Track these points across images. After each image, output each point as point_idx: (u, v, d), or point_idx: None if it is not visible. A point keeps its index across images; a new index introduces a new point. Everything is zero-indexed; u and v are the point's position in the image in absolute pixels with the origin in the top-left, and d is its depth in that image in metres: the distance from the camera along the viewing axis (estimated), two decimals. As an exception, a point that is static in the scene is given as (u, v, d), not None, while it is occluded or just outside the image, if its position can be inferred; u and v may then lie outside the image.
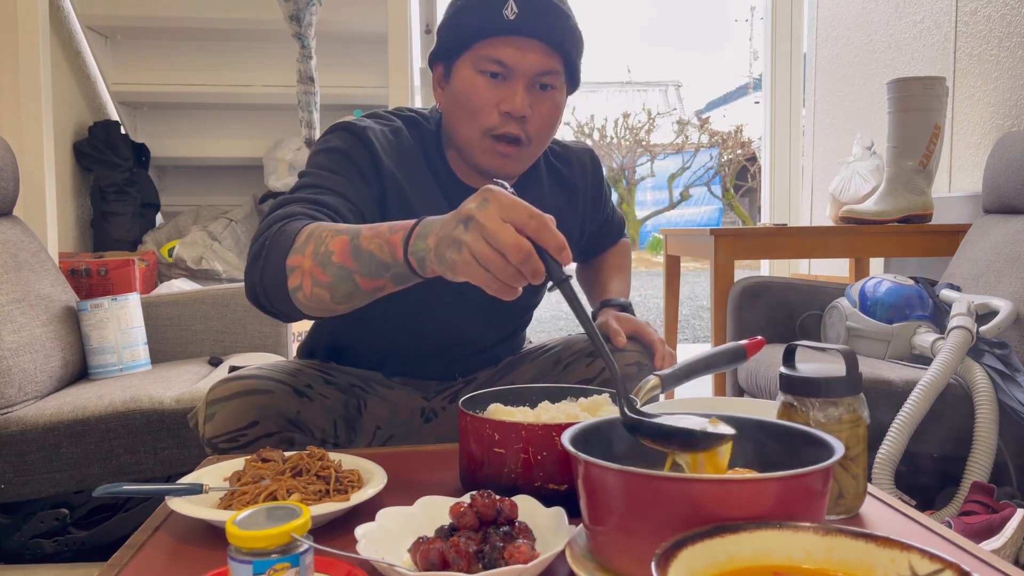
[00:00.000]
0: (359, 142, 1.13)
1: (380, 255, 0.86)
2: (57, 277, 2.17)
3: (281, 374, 1.16)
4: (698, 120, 15.46)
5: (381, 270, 0.87)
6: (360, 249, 0.88)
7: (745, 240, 2.46)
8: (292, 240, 0.94)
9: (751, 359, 1.13)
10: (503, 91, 1.11)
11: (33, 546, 1.74)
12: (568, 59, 1.14)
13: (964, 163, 2.64)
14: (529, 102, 1.11)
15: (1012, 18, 2.40)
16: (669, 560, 0.50)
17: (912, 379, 1.66)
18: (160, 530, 0.82)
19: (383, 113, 1.23)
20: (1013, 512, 1.44)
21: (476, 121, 1.13)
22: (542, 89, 1.13)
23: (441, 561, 0.65)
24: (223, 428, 1.10)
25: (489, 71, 1.11)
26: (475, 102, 1.12)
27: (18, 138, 2.65)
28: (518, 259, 0.72)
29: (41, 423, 1.68)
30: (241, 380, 1.13)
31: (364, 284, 0.89)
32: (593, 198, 1.39)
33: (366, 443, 1.23)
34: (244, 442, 1.09)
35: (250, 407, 1.10)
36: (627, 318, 1.31)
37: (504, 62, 1.10)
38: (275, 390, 1.12)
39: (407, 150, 1.19)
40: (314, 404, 1.15)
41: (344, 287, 0.90)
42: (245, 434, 1.09)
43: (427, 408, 1.30)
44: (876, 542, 0.53)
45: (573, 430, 0.70)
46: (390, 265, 0.86)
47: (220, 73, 3.40)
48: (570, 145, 1.38)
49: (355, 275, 0.88)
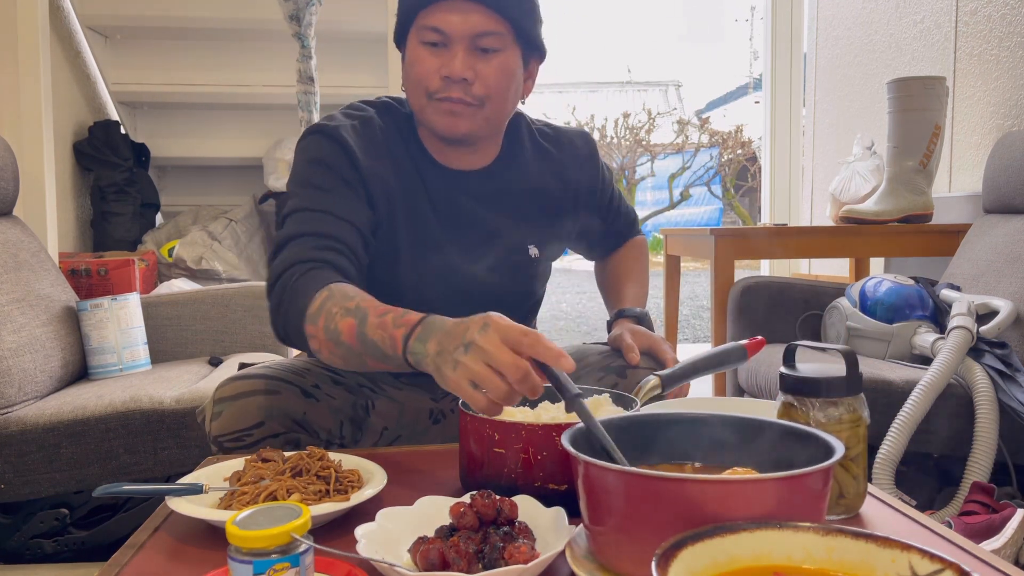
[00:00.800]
0: (336, 146, 1.16)
1: (382, 347, 0.92)
2: (57, 277, 2.17)
3: (290, 374, 1.17)
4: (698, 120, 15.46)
5: (384, 359, 0.93)
6: (365, 336, 0.94)
7: (745, 240, 2.46)
8: (308, 304, 1.01)
9: (751, 359, 1.13)
10: (443, 57, 1.13)
11: (33, 546, 1.74)
12: (514, 21, 1.14)
13: (964, 163, 2.64)
14: (470, 64, 1.12)
15: (1012, 18, 2.40)
16: (669, 560, 0.50)
17: (912, 379, 1.66)
18: (160, 530, 0.82)
19: (357, 104, 1.26)
20: (1013, 512, 1.44)
21: (421, 87, 1.15)
22: (484, 52, 1.13)
23: (441, 561, 0.65)
24: (229, 427, 1.10)
25: (430, 40, 1.13)
26: (419, 70, 1.14)
27: (18, 138, 2.65)
28: (516, 377, 0.78)
29: (41, 423, 1.67)
30: (249, 379, 1.14)
31: (372, 364, 0.96)
32: (588, 183, 1.35)
33: (373, 443, 1.23)
34: (249, 442, 1.10)
35: (257, 407, 1.10)
36: (642, 332, 1.30)
37: (440, 28, 1.12)
38: (282, 390, 1.13)
39: (379, 139, 1.20)
40: (321, 405, 1.15)
41: (355, 362, 0.98)
42: (251, 434, 1.10)
43: (435, 409, 1.30)
44: (876, 542, 0.53)
45: (573, 430, 0.70)
46: (391, 357, 0.92)
47: (220, 73, 3.40)
48: (563, 128, 1.37)
49: (363, 356, 0.96)
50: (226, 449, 1.11)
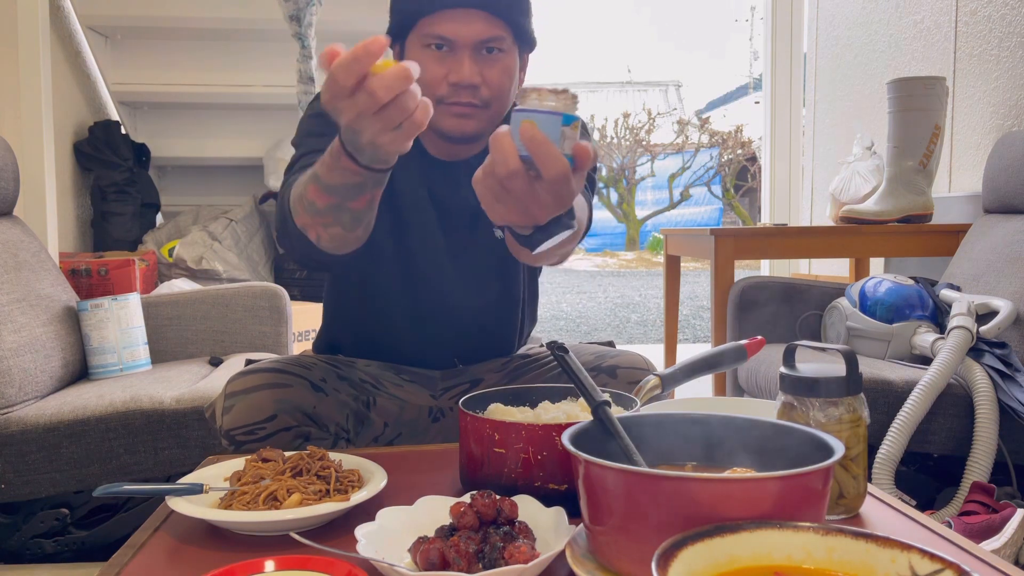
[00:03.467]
0: None
1: (347, 178, 0.92)
2: (57, 277, 2.17)
3: (298, 367, 1.19)
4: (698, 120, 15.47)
5: (357, 188, 0.93)
6: (332, 186, 0.94)
7: (745, 240, 2.46)
8: (290, 207, 1.03)
9: (751, 359, 1.13)
10: (450, 63, 1.14)
11: (33, 546, 1.74)
12: (514, 23, 1.16)
13: (964, 163, 2.64)
14: (478, 69, 1.14)
15: (1012, 18, 2.40)
16: (669, 560, 0.50)
17: (912, 379, 1.66)
18: (160, 530, 0.82)
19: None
20: (1013, 512, 1.44)
21: (429, 93, 1.15)
22: (489, 53, 1.15)
23: (441, 561, 0.65)
24: (241, 420, 1.12)
25: (434, 45, 1.14)
26: (425, 76, 1.14)
27: (18, 138, 2.65)
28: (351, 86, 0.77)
29: (41, 423, 1.68)
30: (260, 374, 1.16)
31: (355, 205, 0.96)
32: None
33: (374, 438, 1.25)
34: (262, 435, 1.11)
35: (269, 401, 1.12)
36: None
37: (445, 36, 1.13)
38: (294, 384, 1.15)
39: None
40: (329, 399, 1.17)
41: (344, 216, 0.97)
42: (263, 427, 1.11)
43: (435, 408, 1.32)
44: (876, 542, 0.53)
45: (573, 430, 0.70)
46: (352, 173, 0.91)
47: (220, 73, 3.40)
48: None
49: (340, 201, 0.95)
50: (238, 443, 1.12)
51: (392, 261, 1.26)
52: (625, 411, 0.91)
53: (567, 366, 0.80)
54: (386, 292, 1.29)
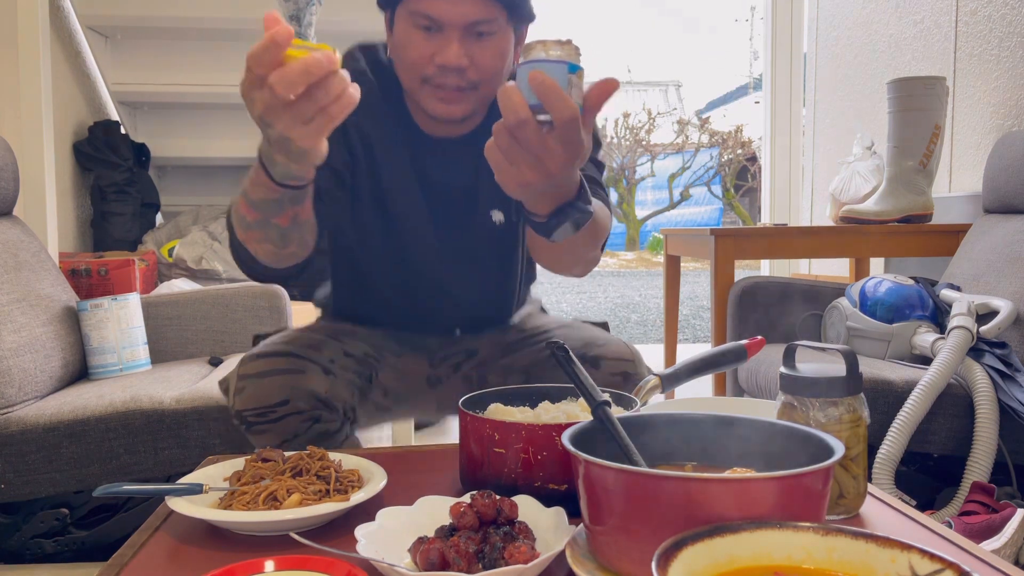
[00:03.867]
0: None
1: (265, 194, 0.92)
2: (57, 277, 2.17)
3: (308, 350, 1.19)
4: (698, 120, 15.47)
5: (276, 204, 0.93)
6: (255, 201, 0.95)
7: (745, 240, 2.46)
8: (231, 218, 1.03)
9: (751, 359, 1.13)
10: (437, 44, 1.11)
11: (33, 546, 1.74)
12: (507, 3, 1.12)
13: (964, 163, 2.64)
14: (466, 52, 1.11)
15: (1012, 18, 2.40)
16: (669, 560, 0.50)
17: (912, 379, 1.66)
18: (160, 530, 0.82)
19: (354, 52, 1.25)
20: (1013, 512, 1.44)
21: (414, 72, 1.14)
22: (480, 36, 1.12)
23: (441, 561, 0.65)
24: (253, 403, 1.13)
25: (423, 24, 1.11)
26: (412, 54, 1.13)
27: (18, 138, 2.65)
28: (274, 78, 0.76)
29: (41, 423, 1.67)
30: (274, 358, 1.16)
31: (279, 221, 0.97)
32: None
33: (375, 406, 1.28)
34: (273, 418, 1.12)
35: (282, 386, 1.13)
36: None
37: (433, 16, 1.10)
38: (307, 370, 1.15)
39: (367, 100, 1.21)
40: (339, 380, 1.19)
41: (271, 232, 0.98)
42: (275, 411, 1.12)
43: (432, 375, 1.36)
44: (876, 542, 0.53)
45: (573, 430, 0.70)
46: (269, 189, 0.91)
47: (220, 73, 3.40)
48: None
49: (264, 216, 0.96)
50: (249, 423, 1.13)
51: (379, 235, 1.27)
52: (625, 411, 0.91)
53: (567, 367, 0.80)
54: (378, 267, 1.31)
